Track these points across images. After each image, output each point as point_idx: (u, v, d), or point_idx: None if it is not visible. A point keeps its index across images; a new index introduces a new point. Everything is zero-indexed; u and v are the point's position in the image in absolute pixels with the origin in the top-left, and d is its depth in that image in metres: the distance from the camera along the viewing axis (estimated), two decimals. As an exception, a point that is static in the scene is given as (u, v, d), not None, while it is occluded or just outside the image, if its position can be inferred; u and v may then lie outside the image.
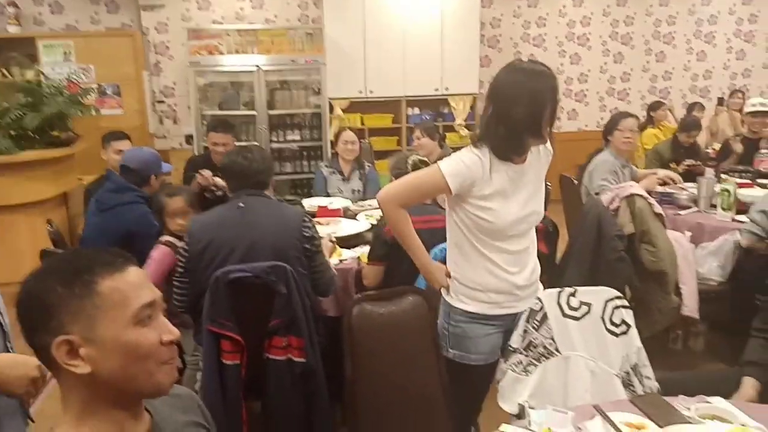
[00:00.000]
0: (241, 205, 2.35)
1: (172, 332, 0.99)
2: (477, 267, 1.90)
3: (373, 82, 6.19)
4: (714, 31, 7.57)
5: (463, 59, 6.32)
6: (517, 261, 1.91)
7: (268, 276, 2.20)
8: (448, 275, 1.96)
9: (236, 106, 5.89)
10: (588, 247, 3.13)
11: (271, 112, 5.82)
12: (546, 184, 3.96)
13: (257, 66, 5.62)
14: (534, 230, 2.00)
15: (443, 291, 2.01)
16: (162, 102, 6.28)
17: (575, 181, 4.06)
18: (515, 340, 1.86)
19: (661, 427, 1.48)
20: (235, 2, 6.31)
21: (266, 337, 2.29)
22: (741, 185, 3.70)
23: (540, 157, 1.94)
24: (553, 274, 3.30)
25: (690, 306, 3.23)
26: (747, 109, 4.67)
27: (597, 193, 3.52)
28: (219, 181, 3.33)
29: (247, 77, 5.73)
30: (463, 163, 1.81)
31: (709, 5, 7.49)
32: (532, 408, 1.64)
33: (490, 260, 1.88)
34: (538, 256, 2.96)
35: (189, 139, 6.02)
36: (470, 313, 1.92)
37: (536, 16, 7.12)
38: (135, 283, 0.97)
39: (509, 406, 1.80)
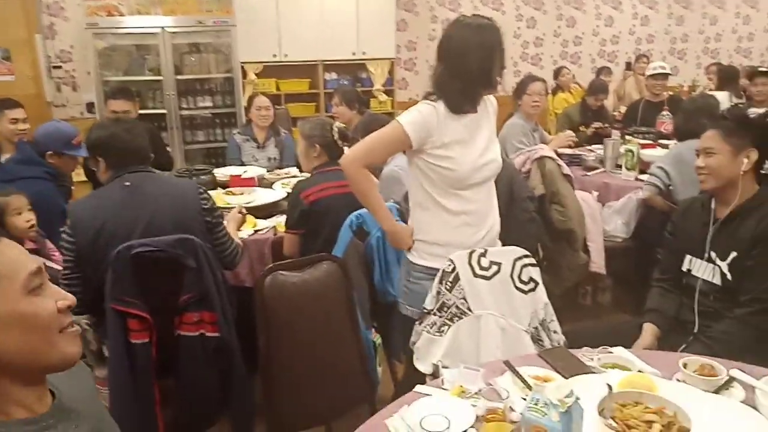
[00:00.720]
0: (127, 183, 2.19)
1: (66, 297, 0.98)
2: (439, 223, 1.93)
3: (288, 45, 5.99)
4: (621, -5, 7.86)
5: (379, 22, 6.23)
6: (478, 214, 1.96)
7: (175, 250, 2.09)
8: (411, 234, 1.96)
9: (141, 71, 5.55)
10: (501, 209, 3.18)
11: (179, 77, 5.53)
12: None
13: (161, 28, 5.30)
14: (494, 186, 2.06)
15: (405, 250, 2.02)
16: (59, 67, 5.82)
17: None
18: (429, 302, 1.87)
19: (566, 378, 1.53)
20: (136, -41, 5.90)
21: (177, 314, 2.19)
22: (644, 146, 3.88)
23: (487, 107, 2.00)
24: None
25: (597, 262, 3.39)
26: (648, 72, 4.89)
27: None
28: None
29: (151, 40, 5.40)
30: (420, 114, 1.84)
31: (615, -30, 7.76)
32: (445, 367, 1.66)
33: (452, 213, 1.92)
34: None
35: (91, 107, 5.65)
36: (431, 268, 1.92)
37: (451, -22, 7.12)
38: (14, 253, 0.94)
39: (425, 367, 1.83)
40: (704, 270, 2.02)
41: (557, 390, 1.02)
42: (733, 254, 1.94)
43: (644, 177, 3.57)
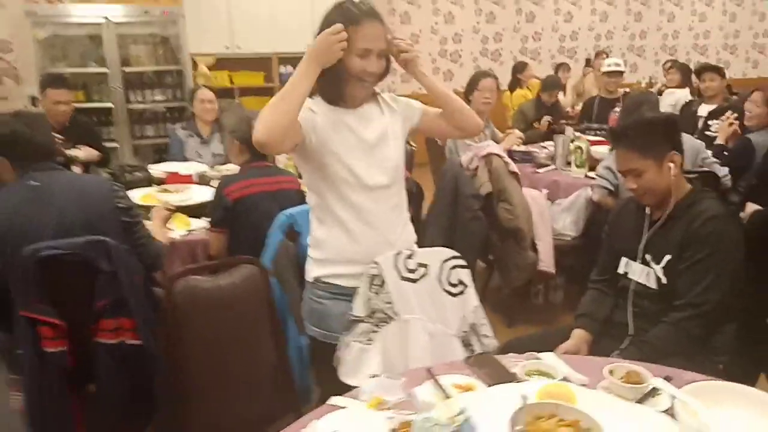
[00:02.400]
0: (34, 183, 2.05)
1: None
2: (339, 234, 1.74)
3: (241, 37, 5.84)
4: (580, -8, 7.89)
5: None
6: (379, 221, 1.76)
7: (86, 252, 1.97)
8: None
9: (86, 63, 5.34)
10: (446, 208, 3.14)
11: (126, 69, 5.34)
12: (410, 145, 3.96)
13: (105, 17, 5.10)
14: (403, 194, 1.87)
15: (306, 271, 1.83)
16: (-2, 58, 5.59)
17: (440, 143, 4.06)
18: (358, 309, 1.75)
19: (489, 386, 1.47)
20: (80, -55, 5.67)
21: (93, 320, 2.07)
22: (594, 143, 3.86)
23: (395, 109, 1.82)
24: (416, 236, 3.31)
25: (546, 261, 3.35)
26: (603, 69, 4.89)
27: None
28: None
29: (95, 30, 5.20)
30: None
31: (575, -34, 7.78)
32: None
33: (350, 221, 1.72)
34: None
35: (34, 100, 5.41)
36: (328, 285, 1.77)
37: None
38: None
39: (356, 381, 1.70)
40: (639, 273, 1.98)
41: (447, 408, 0.94)
42: (667, 257, 1.90)
43: (594, 174, 3.56)
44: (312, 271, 1.80)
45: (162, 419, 2.18)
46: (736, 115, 3.64)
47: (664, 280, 1.90)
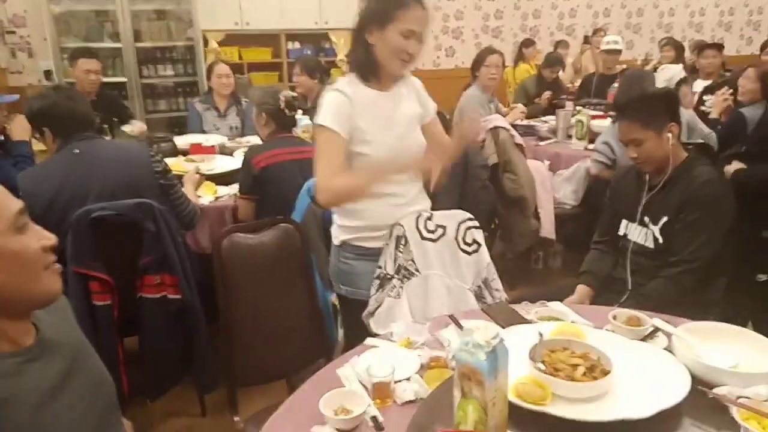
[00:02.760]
0: (76, 151, 2.22)
1: (50, 238, 1.05)
2: (363, 206, 1.87)
3: (250, 13, 5.93)
4: (579, -31, 7.97)
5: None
6: (403, 195, 1.91)
7: (133, 213, 2.15)
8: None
9: (100, 38, 5.44)
10: (456, 177, 3.31)
11: (139, 44, 5.44)
12: (444, 115, 4.13)
13: (119, -7, 5.20)
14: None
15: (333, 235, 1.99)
16: (13, 33, 5.67)
17: (447, 117, 4.22)
18: (390, 267, 1.89)
19: (503, 328, 1.65)
20: None
21: (138, 276, 2.26)
22: (594, 117, 4.04)
23: (409, 88, 1.94)
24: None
25: (547, 228, 3.55)
26: (602, 47, 5.03)
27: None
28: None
29: (109, 5, 5.28)
30: (329, 106, 1.76)
31: (575, -56, 7.84)
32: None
33: (375, 197, 1.83)
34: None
35: (48, 74, 5.51)
36: (361, 248, 1.92)
37: (414, -51, 7.08)
38: (1, 194, 1.00)
39: (387, 332, 1.87)
40: (638, 234, 2.17)
41: (484, 332, 1.13)
42: (664, 218, 2.08)
43: (592, 146, 3.74)
44: (339, 236, 1.95)
45: (203, 366, 2.39)
46: (731, 90, 3.80)
47: (660, 240, 2.09)
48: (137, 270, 2.25)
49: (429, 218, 1.95)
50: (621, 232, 2.24)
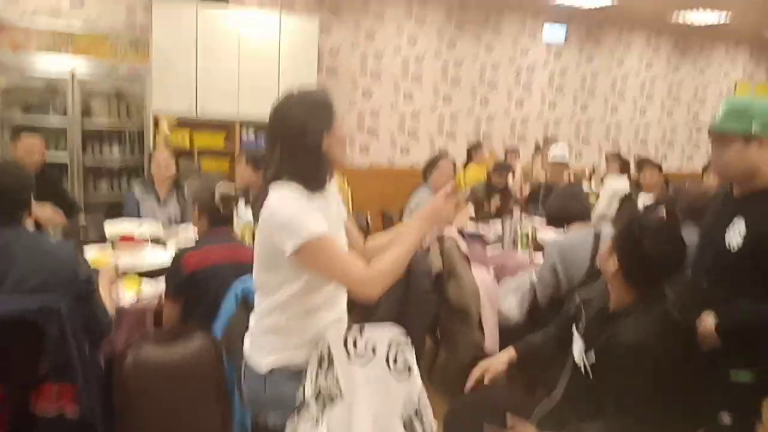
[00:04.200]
0: None
1: None
2: (296, 315, 1.78)
3: (205, 100, 5.91)
4: (531, 81, 8.37)
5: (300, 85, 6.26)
6: (332, 300, 1.84)
7: (35, 317, 1.94)
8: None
9: (46, 113, 5.29)
10: (399, 284, 3.21)
11: (87, 123, 5.31)
12: (367, 221, 4.05)
13: (71, 71, 5.11)
14: None
15: (252, 361, 1.84)
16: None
17: (395, 219, 4.19)
18: (307, 390, 1.74)
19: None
20: (51, -3, 5.74)
21: (33, 386, 2.02)
22: (539, 227, 4.05)
23: (335, 193, 1.91)
24: (367, 310, 3.35)
25: (490, 342, 3.43)
26: (548, 158, 5.18)
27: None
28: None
29: (59, 82, 5.19)
30: (298, 207, 1.69)
31: (527, 56, 8.27)
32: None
33: (311, 303, 1.77)
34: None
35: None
36: (284, 368, 1.78)
37: (374, 49, 7.35)
38: None
39: None
40: (578, 350, 2.09)
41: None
42: (593, 353, 1.98)
43: (539, 255, 3.72)
44: (266, 363, 1.78)
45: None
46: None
47: (589, 371, 2.00)
48: (34, 378, 2.00)
49: (358, 334, 1.80)
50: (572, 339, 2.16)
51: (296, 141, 1.72)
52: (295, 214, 1.66)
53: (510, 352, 2.23)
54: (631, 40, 8.97)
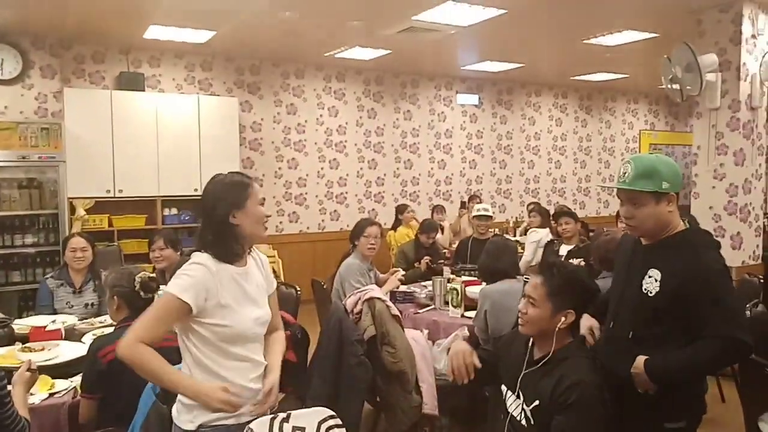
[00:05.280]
0: None
1: None
2: (217, 381, 1.82)
3: (124, 181, 5.79)
4: (450, 143, 8.70)
5: (223, 159, 6.15)
6: (256, 368, 1.92)
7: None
8: (226, 390, 1.76)
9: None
10: (331, 353, 3.15)
11: (-2, 212, 5.08)
12: (294, 289, 3.99)
13: (-22, 162, 4.92)
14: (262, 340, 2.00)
15: (179, 420, 1.86)
16: None
17: (324, 285, 4.16)
18: None
19: None
20: (-45, 89, 5.57)
21: None
22: (468, 283, 4.11)
23: (258, 265, 2.04)
24: (302, 382, 3.25)
25: (430, 403, 3.38)
26: (473, 213, 5.33)
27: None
28: None
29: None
30: (189, 276, 1.81)
31: (444, 122, 8.64)
32: None
33: (232, 371, 1.85)
34: (287, 365, 2.87)
35: None
36: (215, 428, 1.80)
37: (296, 122, 7.48)
38: None
39: None
40: (513, 404, 2.08)
41: None
42: (536, 402, 1.99)
43: (470, 314, 3.76)
44: (194, 420, 1.82)
45: None
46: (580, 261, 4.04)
47: (532, 421, 2.00)
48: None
49: (285, 420, 1.75)
50: (503, 397, 2.14)
51: (207, 215, 1.91)
52: (186, 273, 1.82)
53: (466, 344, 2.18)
54: (540, 101, 9.55)
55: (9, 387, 2.06)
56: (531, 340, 2.13)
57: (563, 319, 2.01)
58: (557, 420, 1.91)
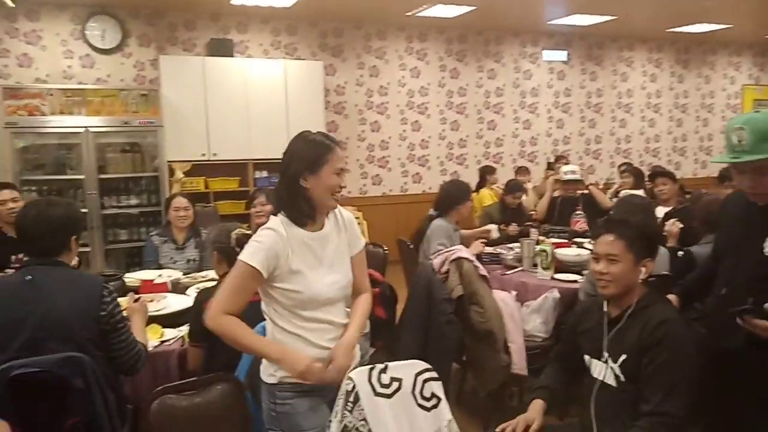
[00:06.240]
0: (29, 277, 2.07)
1: None
2: (296, 342, 1.86)
3: (217, 145, 6.05)
4: (536, 102, 8.41)
5: (309, 123, 6.25)
6: (333, 324, 1.93)
7: (60, 370, 1.94)
8: (309, 365, 1.80)
9: (62, 170, 5.43)
10: (420, 312, 3.19)
11: (103, 176, 5.44)
12: (382, 249, 4.04)
13: (85, 128, 5.26)
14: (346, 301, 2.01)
15: (263, 373, 1.92)
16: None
17: (410, 245, 4.18)
18: (334, 428, 1.77)
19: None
20: (62, 60, 5.94)
21: (60, 439, 2.01)
22: (558, 245, 4.01)
23: (341, 227, 2.00)
24: (391, 338, 3.32)
25: (519, 364, 3.37)
26: (560, 176, 5.14)
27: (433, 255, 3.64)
28: None
29: (74, 139, 5.33)
30: (259, 243, 1.82)
31: (531, 79, 8.34)
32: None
33: (309, 332, 1.88)
34: (377, 321, 2.93)
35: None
36: (294, 384, 1.84)
37: (378, 85, 7.47)
38: None
39: None
40: (600, 370, 2.05)
41: None
42: (623, 356, 1.96)
43: (559, 276, 3.68)
44: (273, 372, 1.87)
45: None
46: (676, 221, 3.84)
47: (622, 378, 1.96)
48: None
49: (383, 370, 1.79)
50: (588, 370, 2.11)
51: (282, 172, 1.90)
52: (258, 240, 1.83)
53: (540, 404, 2.14)
54: (633, 55, 9.02)
55: (124, 313, 2.24)
56: (604, 303, 2.09)
57: (643, 269, 2.02)
58: (647, 357, 1.89)
